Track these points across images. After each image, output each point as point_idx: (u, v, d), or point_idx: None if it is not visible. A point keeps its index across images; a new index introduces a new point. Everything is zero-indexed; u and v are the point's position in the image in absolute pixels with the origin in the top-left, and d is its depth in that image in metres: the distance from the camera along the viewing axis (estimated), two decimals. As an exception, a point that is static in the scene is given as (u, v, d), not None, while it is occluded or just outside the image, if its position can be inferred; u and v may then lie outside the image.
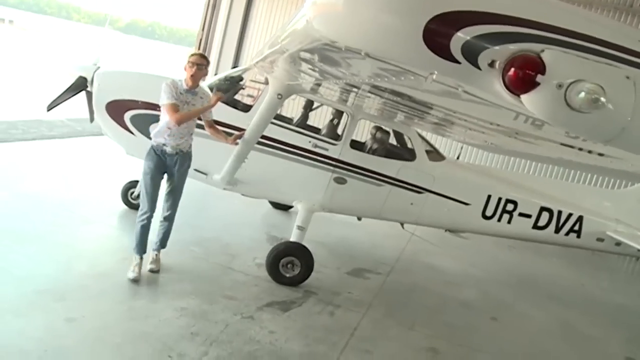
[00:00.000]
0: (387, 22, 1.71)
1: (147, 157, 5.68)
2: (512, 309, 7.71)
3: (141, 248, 5.82)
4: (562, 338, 7.06)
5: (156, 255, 6.08)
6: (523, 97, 1.64)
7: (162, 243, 6.10)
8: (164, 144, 5.60)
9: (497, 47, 1.65)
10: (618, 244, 8.14)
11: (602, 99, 1.54)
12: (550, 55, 1.62)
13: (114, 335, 4.57)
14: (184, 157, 5.79)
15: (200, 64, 5.55)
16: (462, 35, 1.63)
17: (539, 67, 1.60)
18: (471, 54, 1.67)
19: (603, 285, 10.50)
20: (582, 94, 1.55)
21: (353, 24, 1.83)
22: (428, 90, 2.97)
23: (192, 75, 5.50)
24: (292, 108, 10.22)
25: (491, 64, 1.68)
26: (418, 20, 1.63)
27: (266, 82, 6.20)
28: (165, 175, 5.81)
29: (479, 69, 1.70)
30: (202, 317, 5.18)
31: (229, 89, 7.21)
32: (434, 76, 1.91)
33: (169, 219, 6.02)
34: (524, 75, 1.60)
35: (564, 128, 1.78)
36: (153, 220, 5.85)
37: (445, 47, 1.66)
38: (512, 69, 1.63)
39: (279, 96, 5.83)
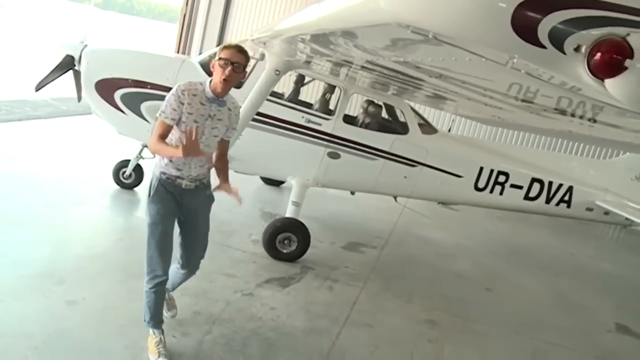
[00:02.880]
0: (473, 4, 1.68)
1: (153, 197, 3.88)
2: (505, 279, 7.80)
3: (158, 320, 4.16)
4: (554, 307, 7.17)
5: (169, 296, 4.65)
6: (607, 82, 1.61)
7: (175, 287, 4.66)
8: (177, 177, 3.85)
9: (583, 32, 1.62)
10: (607, 213, 8.25)
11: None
12: (637, 38, 1.58)
13: (118, 317, 4.55)
14: (207, 191, 4.13)
15: (238, 62, 3.65)
16: (550, 20, 1.61)
17: (627, 51, 1.56)
18: (558, 38, 1.64)
19: (591, 254, 10.64)
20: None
21: (432, 5, 1.80)
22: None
23: (224, 80, 3.65)
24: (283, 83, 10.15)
25: (577, 49, 1.65)
26: (508, 4, 1.61)
27: (261, 58, 6.10)
28: (180, 219, 4.13)
29: (564, 53, 1.67)
30: (203, 296, 5.19)
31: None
32: (515, 61, 1.88)
33: (191, 268, 4.43)
34: (611, 60, 1.57)
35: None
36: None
37: (533, 31, 1.63)
38: (599, 54, 1.59)
39: (277, 72, 5.77)
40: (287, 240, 6.35)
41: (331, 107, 7.29)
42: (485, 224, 10.66)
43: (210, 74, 6.80)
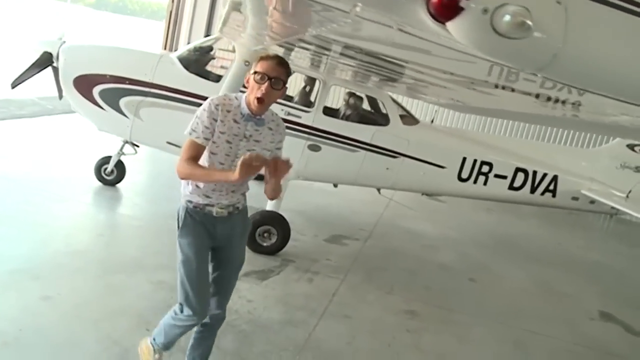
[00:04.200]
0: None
1: (183, 231, 3.35)
2: (489, 269, 7.79)
3: (169, 346, 3.73)
4: (539, 296, 7.17)
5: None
6: (449, 25, 1.54)
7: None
8: (207, 204, 3.29)
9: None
10: (592, 202, 8.24)
11: (529, 22, 1.45)
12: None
13: (92, 311, 4.53)
14: (243, 218, 3.52)
15: (277, 77, 3.05)
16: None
17: None
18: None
19: (579, 244, 10.65)
20: (508, 17, 1.45)
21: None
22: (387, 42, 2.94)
23: (259, 99, 3.04)
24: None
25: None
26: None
27: (234, 51, 6.08)
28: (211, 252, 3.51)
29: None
30: (179, 290, 5.17)
31: (198, 60, 7.12)
32: (358, 8, 1.84)
33: (216, 321, 3.71)
34: (447, 1, 1.50)
35: (493, 56, 1.68)
36: None
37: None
38: None
39: (246, 63, 5.74)
40: (266, 233, 6.34)
41: (311, 99, 7.27)
42: (472, 216, 10.66)
43: (192, 68, 6.91)
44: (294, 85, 8.72)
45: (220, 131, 3.13)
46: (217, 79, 6.88)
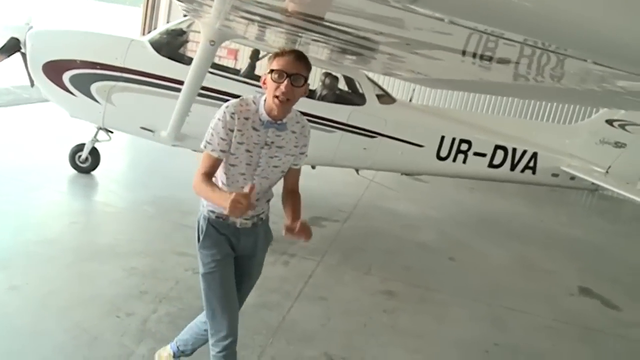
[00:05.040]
0: None
1: (204, 242, 3.12)
2: (470, 248, 7.77)
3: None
4: (519, 273, 7.16)
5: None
6: None
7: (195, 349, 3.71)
8: (229, 216, 2.92)
9: None
10: (572, 178, 8.25)
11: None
12: None
13: (61, 300, 4.44)
14: (265, 229, 3.31)
15: (297, 73, 2.74)
16: None
17: None
18: None
19: (562, 220, 10.67)
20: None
21: None
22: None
23: (279, 99, 2.75)
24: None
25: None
26: None
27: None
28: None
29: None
30: (152, 276, 5.09)
31: (170, 43, 7.00)
32: None
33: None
34: None
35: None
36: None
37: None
38: None
39: (212, 43, 5.62)
40: (240, 217, 6.26)
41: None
42: (454, 195, 10.64)
43: (164, 51, 6.78)
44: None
45: (239, 142, 2.87)
46: (191, 61, 6.76)
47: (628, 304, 6.79)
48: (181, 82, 6.20)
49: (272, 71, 2.75)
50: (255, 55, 7.68)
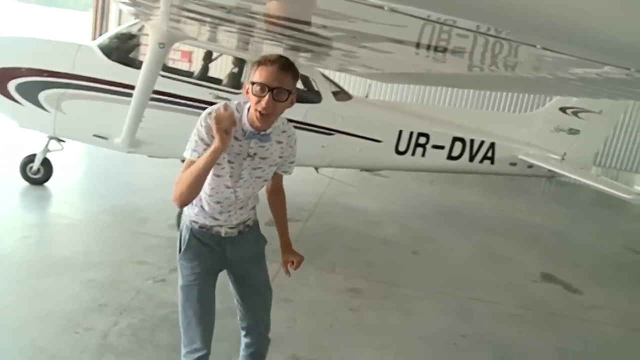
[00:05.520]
0: None
1: (185, 253, 2.99)
2: (433, 241, 7.79)
3: None
4: (482, 263, 7.21)
5: None
6: None
7: None
8: (214, 226, 2.95)
9: None
10: (530, 166, 8.37)
11: None
12: None
13: (13, 319, 4.26)
14: (255, 235, 3.18)
15: (279, 87, 2.54)
16: None
17: None
18: None
19: (521, 208, 10.82)
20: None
21: None
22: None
23: (260, 113, 2.59)
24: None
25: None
26: None
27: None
28: (227, 276, 3.22)
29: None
30: (111, 287, 4.95)
31: (120, 48, 6.83)
32: None
33: (259, 336, 3.32)
34: None
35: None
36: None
37: None
38: None
39: (161, 45, 5.50)
40: (202, 222, 6.16)
41: (242, 81, 7.07)
42: (415, 188, 10.68)
43: (114, 56, 6.61)
44: (221, 67, 8.53)
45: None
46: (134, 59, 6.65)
47: (589, 287, 6.90)
48: (133, 87, 6.05)
49: (253, 83, 2.57)
50: (208, 57, 7.56)
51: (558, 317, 5.94)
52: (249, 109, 2.69)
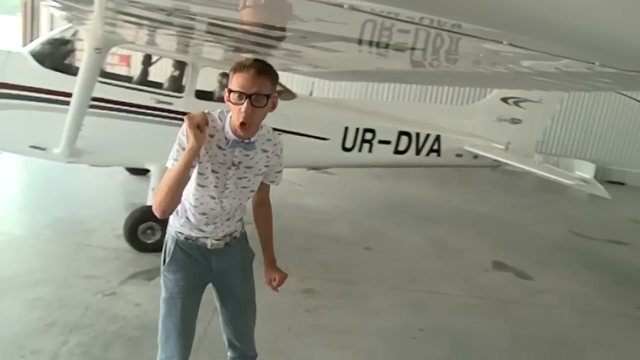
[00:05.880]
0: None
1: (170, 265, 2.88)
2: (384, 236, 7.81)
3: None
4: (435, 256, 7.26)
5: None
6: None
7: None
8: (200, 237, 2.86)
9: None
10: (475, 156, 8.47)
11: None
12: None
13: None
14: (242, 247, 3.09)
15: (258, 93, 2.46)
16: None
17: None
18: None
19: (468, 199, 10.96)
20: None
21: None
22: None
23: (242, 123, 2.50)
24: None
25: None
26: None
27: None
28: (212, 288, 3.11)
29: None
30: (58, 305, 4.74)
31: (54, 54, 6.57)
32: None
33: (245, 351, 3.27)
34: None
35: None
36: None
37: None
38: None
39: (98, 50, 5.30)
40: (150, 229, 6.00)
41: (183, 84, 6.90)
42: (362, 184, 10.69)
43: (47, 63, 6.34)
44: (162, 70, 8.32)
45: (207, 160, 2.65)
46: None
47: (538, 272, 7.04)
48: (70, 95, 5.80)
49: (230, 91, 2.49)
50: (147, 61, 7.35)
51: (511, 304, 6.03)
52: (231, 117, 2.59)
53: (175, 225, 2.86)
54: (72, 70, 6.41)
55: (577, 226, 9.80)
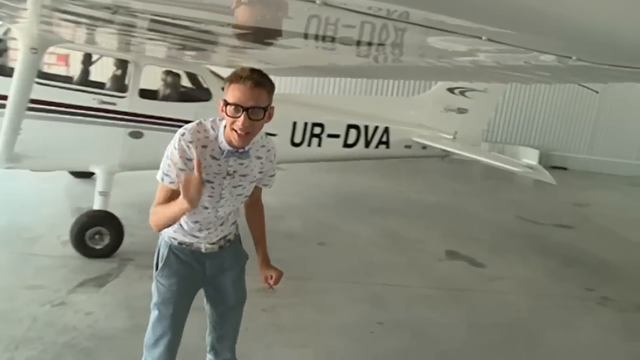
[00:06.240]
0: None
1: (163, 270, 2.83)
2: (337, 230, 7.78)
3: None
4: (388, 247, 7.27)
5: None
6: None
7: None
8: (194, 242, 2.82)
9: None
10: (424, 147, 8.54)
11: None
12: None
13: None
14: (236, 249, 3.09)
15: (254, 106, 2.39)
16: None
17: None
18: None
19: (418, 189, 11.06)
20: None
21: None
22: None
23: (239, 135, 2.44)
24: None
25: None
26: None
27: None
28: (202, 292, 3.11)
29: None
30: (2, 319, 4.50)
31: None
32: None
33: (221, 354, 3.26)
34: None
35: None
36: None
37: None
38: None
39: (34, 50, 5.07)
40: (97, 234, 5.80)
41: (126, 83, 6.69)
42: (313, 179, 10.64)
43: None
44: (103, 69, 8.06)
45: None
46: (13, 72, 6.11)
47: (490, 259, 7.15)
48: (5, 97, 5.54)
49: (226, 104, 2.40)
50: (87, 60, 7.10)
51: (466, 292, 6.09)
52: (225, 126, 2.51)
53: (168, 231, 2.80)
54: (6, 71, 6.12)
55: (524, 212, 10.00)
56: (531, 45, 2.25)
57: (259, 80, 2.41)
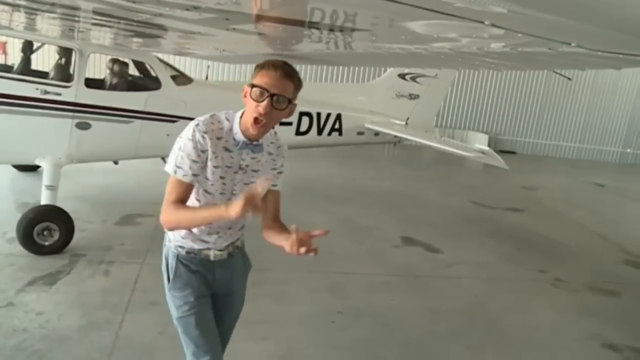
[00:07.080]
0: None
1: (175, 283, 2.70)
2: (293, 219, 7.44)
3: None
4: (345, 236, 7.22)
5: None
6: None
7: None
8: (202, 249, 2.70)
9: None
10: (377, 134, 8.52)
11: None
12: None
13: None
14: (243, 257, 3.02)
15: (280, 94, 2.36)
16: None
17: None
18: None
19: (371, 175, 11.08)
20: None
21: None
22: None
23: (255, 120, 2.39)
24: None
25: None
26: None
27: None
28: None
29: None
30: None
31: None
32: None
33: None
34: None
35: None
36: None
37: None
38: None
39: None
40: (46, 230, 5.57)
41: (70, 72, 6.44)
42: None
43: None
44: (46, 57, 7.78)
45: (214, 165, 2.48)
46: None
47: (446, 244, 7.20)
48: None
49: (253, 86, 2.36)
50: (28, 47, 6.79)
51: (424, 278, 6.12)
52: (240, 117, 2.49)
53: (176, 239, 2.68)
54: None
55: (476, 196, 10.12)
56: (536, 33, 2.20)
57: (290, 72, 2.40)
